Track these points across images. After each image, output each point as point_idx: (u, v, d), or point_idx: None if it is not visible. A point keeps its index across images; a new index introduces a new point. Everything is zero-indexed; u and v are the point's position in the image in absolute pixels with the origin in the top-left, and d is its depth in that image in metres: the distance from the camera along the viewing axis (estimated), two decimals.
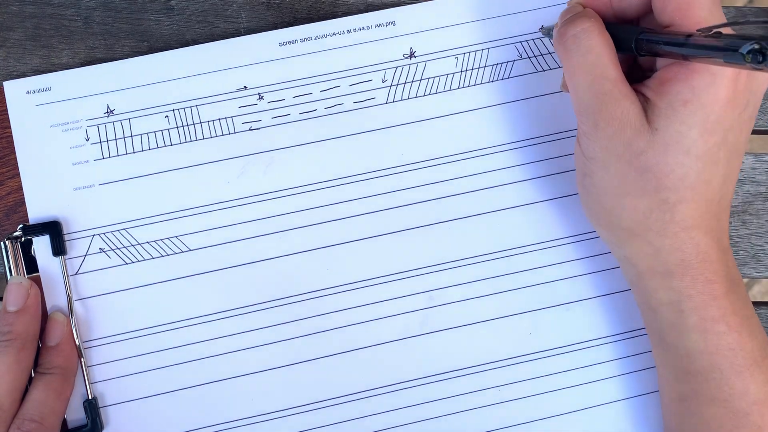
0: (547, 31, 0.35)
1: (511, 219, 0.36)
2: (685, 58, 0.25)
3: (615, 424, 0.36)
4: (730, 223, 0.39)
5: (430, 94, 0.37)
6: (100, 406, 0.35)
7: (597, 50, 0.28)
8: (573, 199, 0.36)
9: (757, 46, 0.20)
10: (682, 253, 0.29)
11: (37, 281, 0.35)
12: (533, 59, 0.37)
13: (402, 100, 0.37)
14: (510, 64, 0.37)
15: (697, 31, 0.25)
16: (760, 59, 0.20)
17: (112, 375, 0.35)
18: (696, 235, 0.28)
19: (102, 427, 0.35)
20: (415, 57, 0.37)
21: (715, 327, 0.29)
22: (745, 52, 0.20)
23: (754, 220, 0.39)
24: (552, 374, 0.36)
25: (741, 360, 0.29)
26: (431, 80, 0.37)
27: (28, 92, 0.36)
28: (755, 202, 0.39)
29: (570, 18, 0.30)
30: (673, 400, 0.32)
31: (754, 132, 0.40)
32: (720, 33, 0.23)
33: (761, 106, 0.39)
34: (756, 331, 0.30)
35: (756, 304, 0.40)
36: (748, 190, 0.39)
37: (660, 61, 0.29)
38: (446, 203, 0.36)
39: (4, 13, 0.38)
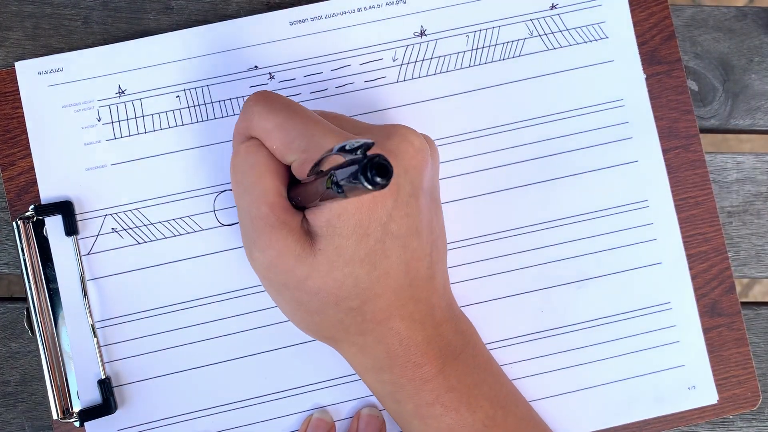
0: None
1: (522, 197, 0.36)
2: (347, 197, 0.24)
3: (625, 402, 0.36)
4: (730, 223, 0.39)
5: (440, 72, 0.37)
6: (113, 385, 0.35)
7: (261, 168, 0.27)
8: (580, 178, 0.37)
9: (334, 179, 0.20)
10: (385, 345, 0.28)
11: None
12: (544, 37, 0.37)
13: (413, 78, 0.37)
14: (521, 42, 0.37)
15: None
16: (340, 190, 0.20)
17: (126, 354, 0.35)
18: (393, 324, 0.28)
19: (116, 407, 0.35)
20: (425, 35, 0.37)
21: (431, 411, 0.28)
22: (327, 187, 0.21)
23: (755, 220, 0.39)
24: (562, 352, 0.36)
25: None
26: (442, 59, 0.37)
27: (39, 73, 0.36)
28: (755, 202, 0.39)
29: (243, 137, 0.29)
30: None
31: (755, 132, 0.40)
32: (321, 172, 0.23)
33: (762, 106, 0.39)
34: (478, 400, 0.29)
35: (756, 304, 0.40)
36: (749, 190, 0.39)
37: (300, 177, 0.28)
38: (456, 183, 0.36)
39: (3, 13, 0.37)
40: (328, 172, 0.22)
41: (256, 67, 0.36)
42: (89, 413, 0.34)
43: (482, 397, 0.30)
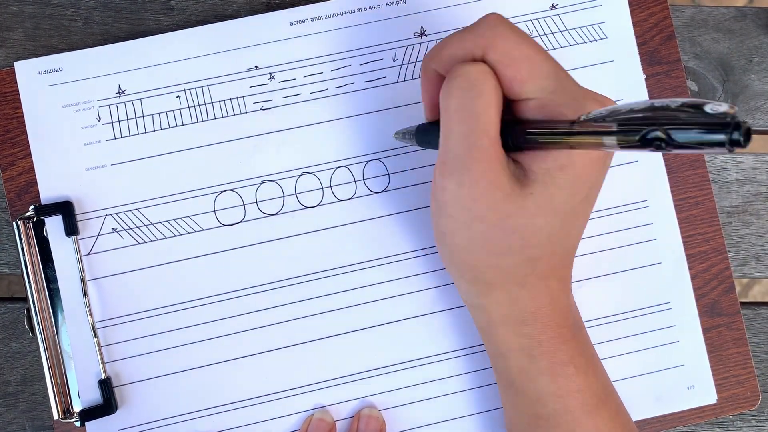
0: (402, 135, 0.34)
1: None
2: (572, 147, 0.24)
3: (625, 401, 0.36)
4: (730, 223, 0.39)
5: None
6: (114, 385, 0.35)
7: (488, 98, 0.26)
8: None
9: (662, 135, 0.19)
10: (537, 302, 0.29)
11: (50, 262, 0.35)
12: (544, 37, 0.37)
13: (413, 79, 0.37)
14: None
15: (579, 119, 0.23)
16: (664, 146, 0.20)
17: (126, 354, 0.35)
18: (551, 283, 0.29)
19: (116, 407, 0.35)
20: (425, 36, 0.37)
21: (565, 370, 0.29)
22: (650, 138, 0.20)
23: (754, 220, 0.39)
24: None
25: (589, 400, 0.29)
26: None
27: (39, 72, 0.36)
28: (755, 202, 0.39)
29: (469, 62, 0.27)
30: None
31: (755, 132, 0.40)
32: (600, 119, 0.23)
33: (761, 106, 0.40)
34: (599, 371, 0.30)
35: (756, 304, 0.40)
36: (748, 190, 0.39)
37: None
38: None
39: (3, 13, 0.37)
40: (602, 121, 0.21)
41: (256, 67, 0.36)
42: (90, 413, 0.34)
43: (599, 367, 0.31)
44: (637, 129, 0.20)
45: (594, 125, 0.22)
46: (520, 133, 0.26)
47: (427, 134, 0.31)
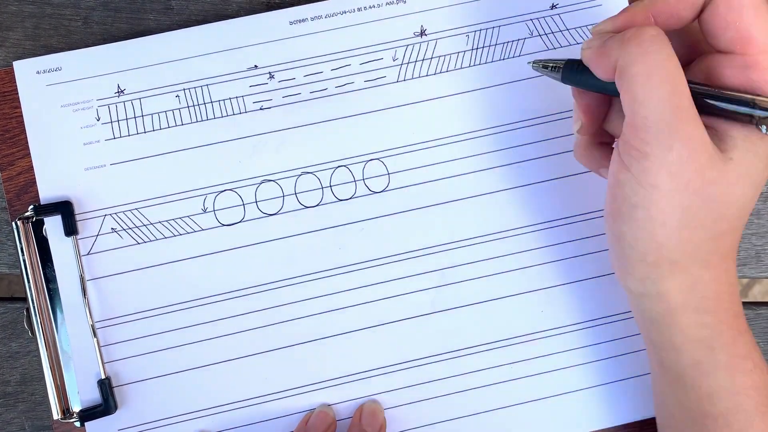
0: (541, 66, 0.32)
1: (524, 196, 0.36)
2: (758, 126, 0.23)
3: (627, 401, 0.36)
4: None
5: (441, 72, 0.37)
6: (113, 385, 0.35)
7: (675, 59, 0.25)
8: (581, 178, 0.36)
9: None
10: (718, 285, 0.27)
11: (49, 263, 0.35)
12: (544, 37, 0.37)
13: (413, 78, 0.37)
14: (521, 41, 0.37)
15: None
16: None
17: (126, 354, 0.35)
18: (729, 265, 0.27)
19: (116, 407, 0.35)
20: (426, 35, 0.37)
21: (743, 364, 0.27)
22: None
23: (755, 220, 0.39)
24: (563, 351, 0.36)
25: (765, 399, 0.27)
26: (442, 58, 0.37)
27: (38, 72, 0.36)
28: (756, 202, 0.39)
29: (644, 26, 0.26)
30: None
31: None
32: None
33: None
34: None
35: (756, 304, 0.40)
36: None
37: (729, 79, 0.26)
38: (457, 182, 0.36)
39: (3, 13, 0.37)
40: None
41: (256, 66, 0.36)
42: (89, 413, 0.34)
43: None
44: None
45: None
46: (701, 98, 0.25)
47: (582, 74, 0.29)
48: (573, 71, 0.30)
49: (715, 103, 0.25)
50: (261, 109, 0.36)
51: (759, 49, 0.25)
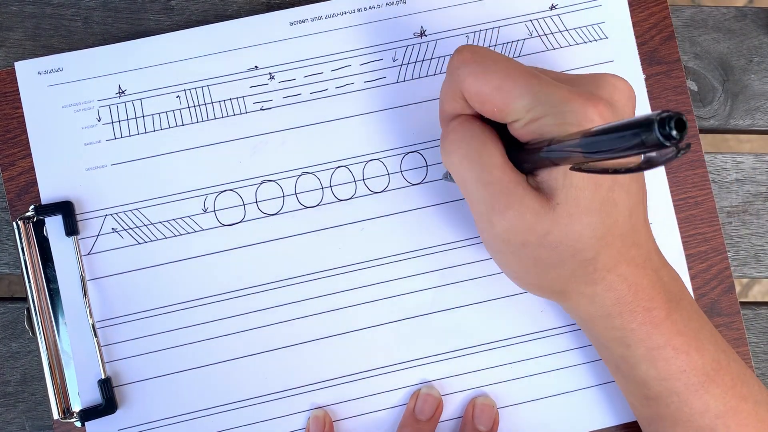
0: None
1: None
2: (555, 164, 0.24)
3: (625, 402, 0.36)
4: (730, 223, 0.39)
5: (440, 73, 0.37)
6: (114, 385, 0.35)
7: (480, 138, 0.28)
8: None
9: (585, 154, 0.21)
10: (614, 292, 0.29)
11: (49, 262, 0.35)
12: (544, 37, 0.37)
13: (413, 79, 0.37)
14: (520, 42, 0.37)
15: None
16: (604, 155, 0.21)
17: (126, 354, 0.35)
18: (622, 271, 0.28)
19: (117, 407, 0.35)
20: (425, 36, 0.37)
21: (662, 354, 0.29)
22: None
23: (754, 220, 0.39)
24: (564, 351, 0.36)
25: (694, 379, 0.29)
26: (442, 59, 0.37)
27: (39, 73, 0.36)
28: (755, 202, 0.39)
29: (449, 116, 0.30)
30: (643, 423, 0.32)
31: (754, 132, 0.40)
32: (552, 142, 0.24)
33: (761, 106, 0.39)
34: (705, 344, 0.29)
35: (756, 304, 0.40)
36: (748, 190, 0.39)
37: (522, 139, 0.28)
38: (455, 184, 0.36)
39: (4, 13, 0.37)
40: (575, 139, 0.22)
41: (256, 67, 0.36)
42: (90, 413, 0.34)
43: (706, 341, 0.30)
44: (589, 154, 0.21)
45: (562, 143, 0.23)
46: (521, 155, 0.27)
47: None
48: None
49: (531, 156, 0.27)
50: (261, 109, 0.36)
51: (524, 111, 0.26)
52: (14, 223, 0.35)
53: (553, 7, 0.37)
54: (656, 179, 0.37)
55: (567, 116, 0.25)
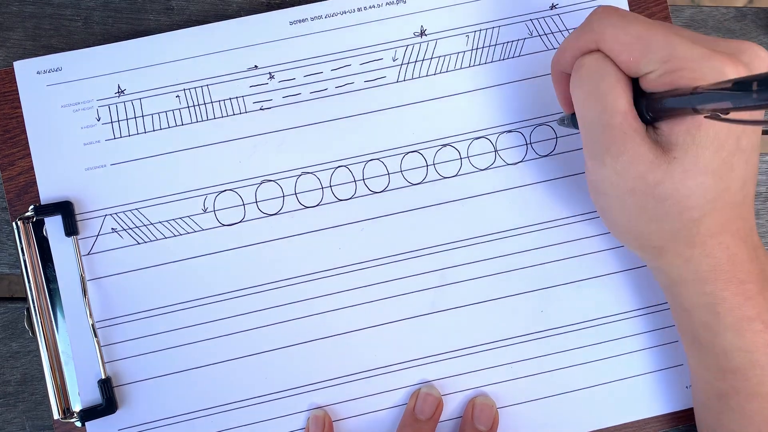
0: (561, 121, 0.35)
1: (523, 197, 0.36)
2: (696, 111, 0.25)
3: (626, 401, 0.36)
4: None
5: (440, 72, 0.37)
6: (114, 385, 0.35)
7: (611, 79, 0.28)
8: (582, 178, 0.37)
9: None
10: (712, 259, 0.29)
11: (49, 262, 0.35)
12: (544, 37, 0.37)
13: (413, 78, 0.37)
14: (521, 42, 0.37)
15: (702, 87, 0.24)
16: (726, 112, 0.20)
17: (126, 354, 0.35)
18: (724, 239, 0.28)
19: (117, 407, 0.35)
20: (425, 35, 0.37)
21: (752, 326, 0.29)
22: (754, 89, 0.20)
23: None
24: (564, 351, 0.36)
25: None
26: (442, 59, 0.37)
27: (38, 72, 0.36)
28: (755, 202, 0.39)
29: (585, 49, 0.29)
30: (711, 397, 0.32)
31: None
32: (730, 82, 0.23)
33: None
34: None
35: None
36: None
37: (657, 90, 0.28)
38: (457, 183, 0.36)
39: (4, 13, 0.37)
40: (705, 90, 0.23)
41: (256, 67, 0.36)
42: (90, 413, 0.34)
43: None
44: (749, 83, 0.21)
45: (711, 88, 0.23)
46: (648, 105, 0.27)
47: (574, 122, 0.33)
48: (572, 122, 0.33)
49: (660, 105, 0.27)
50: (261, 109, 0.36)
51: (660, 63, 0.27)
52: (14, 223, 0.35)
53: (553, 7, 0.37)
54: None
55: (705, 72, 0.25)
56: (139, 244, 0.36)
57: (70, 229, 0.35)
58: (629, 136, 0.27)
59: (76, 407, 0.35)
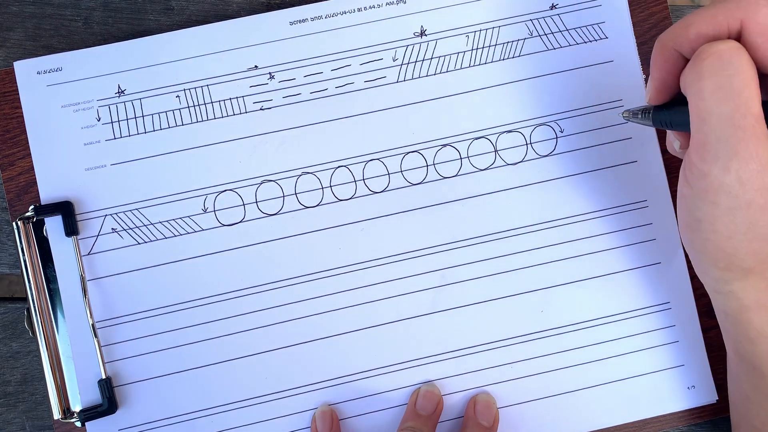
0: (632, 115, 0.32)
1: (523, 197, 0.36)
2: None
3: (626, 402, 0.36)
4: None
5: (441, 72, 0.37)
6: (114, 385, 0.35)
7: (745, 76, 0.24)
8: (582, 178, 0.37)
9: None
10: None
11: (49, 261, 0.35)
12: (544, 37, 0.37)
13: (413, 78, 0.37)
14: (521, 42, 0.37)
15: None
16: None
17: (126, 354, 0.35)
18: None
19: (117, 407, 0.35)
20: (425, 35, 0.37)
21: None
22: None
23: None
24: (564, 351, 0.36)
25: None
26: (442, 59, 0.37)
27: (38, 72, 0.36)
28: None
29: (714, 41, 0.26)
30: (753, 419, 0.31)
31: None
32: None
33: None
34: None
35: None
36: None
37: None
38: (457, 183, 0.36)
39: (4, 13, 0.37)
40: None
41: (256, 67, 0.36)
42: (90, 413, 0.34)
43: None
44: None
45: None
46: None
47: (670, 115, 0.29)
48: (664, 113, 0.29)
49: None
50: (261, 109, 0.36)
51: None
52: (14, 223, 0.35)
53: (553, 7, 0.37)
54: (657, 179, 0.37)
55: None
56: (139, 244, 0.36)
57: (71, 229, 0.35)
58: (762, 141, 0.24)
59: (77, 407, 0.35)
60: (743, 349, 0.30)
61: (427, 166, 0.36)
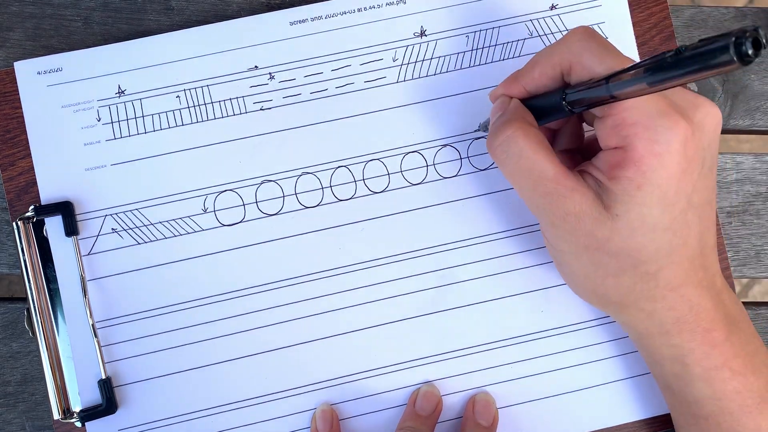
0: (484, 127, 0.35)
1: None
2: (613, 97, 0.25)
3: (626, 402, 0.36)
4: (730, 223, 0.39)
5: (441, 72, 0.37)
6: (114, 385, 0.35)
7: (527, 153, 0.28)
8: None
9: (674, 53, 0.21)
10: (675, 312, 0.29)
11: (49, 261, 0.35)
12: (543, 37, 0.37)
13: (413, 79, 0.37)
14: (520, 42, 0.37)
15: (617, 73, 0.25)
16: (679, 67, 0.21)
17: (126, 354, 0.35)
18: (685, 291, 0.28)
19: (117, 407, 0.35)
20: (425, 35, 0.37)
21: (720, 374, 0.29)
22: (667, 58, 0.21)
23: (754, 220, 0.39)
24: (564, 351, 0.36)
25: (749, 400, 0.29)
26: (442, 59, 0.37)
27: (39, 73, 0.36)
28: (755, 202, 0.39)
29: (494, 129, 0.30)
30: None
31: (754, 132, 0.40)
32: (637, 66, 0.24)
33: (761, 106, 0.39)
34: (760, 367, 0.30)
35: (756, 304, 0.40)
36: (748, 190, 0.39)
37: (602, 139, 0.28)
38: (457, 183, 0.36)
39: (4, 13, 0.37)
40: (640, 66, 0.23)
41: (256, 67, 0.36)
42: (90, 413, 0.34)
43: (762, 363, 0.30)
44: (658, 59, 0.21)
45: (625, 73, 0.23)
46: (568, 97, 0.27)
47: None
48: None
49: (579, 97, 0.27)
50: (261, 109, 0.36)
51: (622, 107, 0.26)
52: (14, 224, 0.35)
53: (553, 7, 0.37)
54: None
55: (658, 132, 0.26)
56: (139, 244, 0.36)
57: (71, 229, 0.35)
58: (568, 197, 0.28)
59: (76, 407, 0.35)
60: (654, 371, 0.32)
61: (427, 166, 0.36)
